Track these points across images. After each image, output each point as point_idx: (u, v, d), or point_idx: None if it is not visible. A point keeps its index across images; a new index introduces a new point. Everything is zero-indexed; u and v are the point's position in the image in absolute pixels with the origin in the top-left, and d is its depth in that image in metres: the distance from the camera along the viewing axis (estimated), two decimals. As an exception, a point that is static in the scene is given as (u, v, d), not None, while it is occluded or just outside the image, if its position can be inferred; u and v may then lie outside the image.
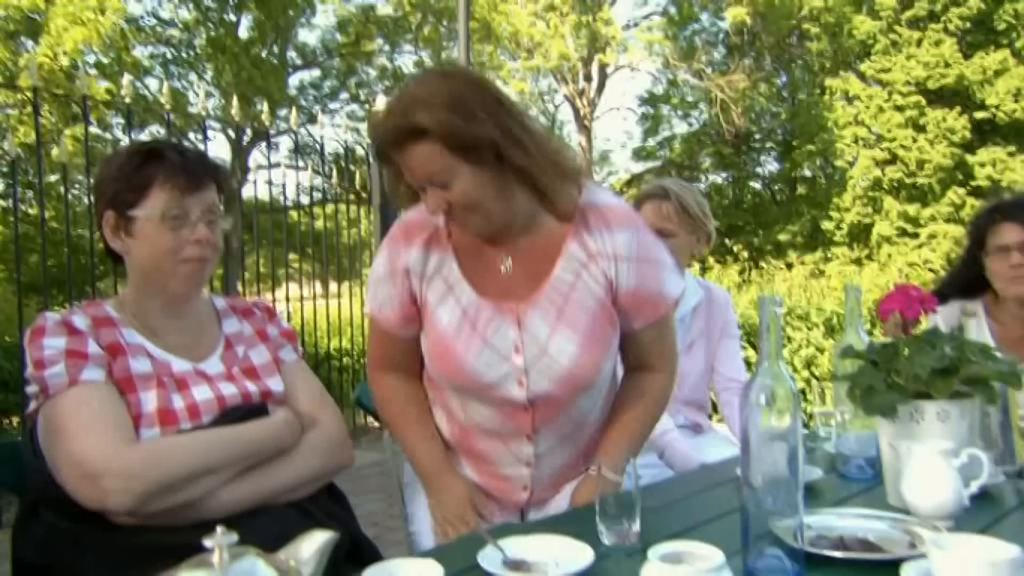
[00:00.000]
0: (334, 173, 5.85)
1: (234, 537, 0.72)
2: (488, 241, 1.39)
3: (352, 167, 6.07)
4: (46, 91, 3.62)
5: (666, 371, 1.52)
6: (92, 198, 1.40)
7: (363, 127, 5.81)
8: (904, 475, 1.21)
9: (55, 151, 5.85)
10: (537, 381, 1.35)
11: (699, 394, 2.22)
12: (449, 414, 1.49)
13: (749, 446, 1.06)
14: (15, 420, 3.83)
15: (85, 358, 1.24)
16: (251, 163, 13.16)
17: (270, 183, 5.22)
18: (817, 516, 1.17)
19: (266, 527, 1.24)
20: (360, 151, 6.31)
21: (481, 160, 1.27)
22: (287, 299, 6.72)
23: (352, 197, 5.96)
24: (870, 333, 1.46)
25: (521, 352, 1.35)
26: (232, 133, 12.17)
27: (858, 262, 15.08)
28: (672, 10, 18.68)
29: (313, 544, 0.80)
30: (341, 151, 6.05)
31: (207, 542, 0.72)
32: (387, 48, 17.01)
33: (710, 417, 2.32)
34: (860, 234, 16.62)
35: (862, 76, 17.05)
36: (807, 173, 18.69)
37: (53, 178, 6.64)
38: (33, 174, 6.08)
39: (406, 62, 18.35)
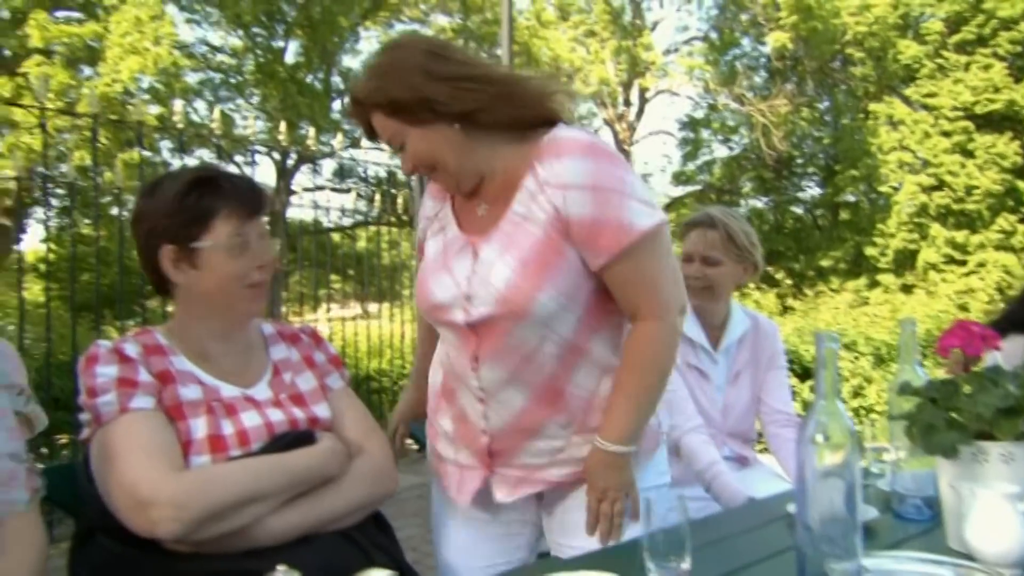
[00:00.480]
0: (376, 196, 5.92)
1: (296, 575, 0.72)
2: (470, 195, 1.43)
3: (394, 190, 6.14)
4: (103, 117, 3.73)
5: (655, 316, 1.34)
6: (137, 228, 1.37)
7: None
8: (967, 518, 1.17)
9: (108, 174, 6.04)
10: (477, 306, 1.34)
11: (745, 426, 2.19)
12: (441, 358, 1.51)
13: (805, 485, 1.03)
14: (66, 438, 3.91)
15: (136, 386, 1.25)
16: (295, 186, 13.47)
17: (316, 205, 5.30)
18: (874, 559, 1.13)
19: (314, 555, 1.25)
20: (401, 175, 6.37)
21: (420, 119, 1.32)
22: (328, 319, 6.79)
23: (392, 219, 6.03)
24: (922, 364, 1.42)
25: (469, 280, 1.36)
26: (277, 156, 12.41)
27: (905, 289, 14.74)
28: (713, 35, 18.65)
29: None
30: (383, 174, 6.10)
31: None
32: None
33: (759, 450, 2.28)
34: (906, 261, 16.27)
35: (907, 101, 16.79)
36: (850, 198, 18.39)
37: (105, 200, 6.88)
38: (88, 197, 6.27)
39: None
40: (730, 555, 1.26)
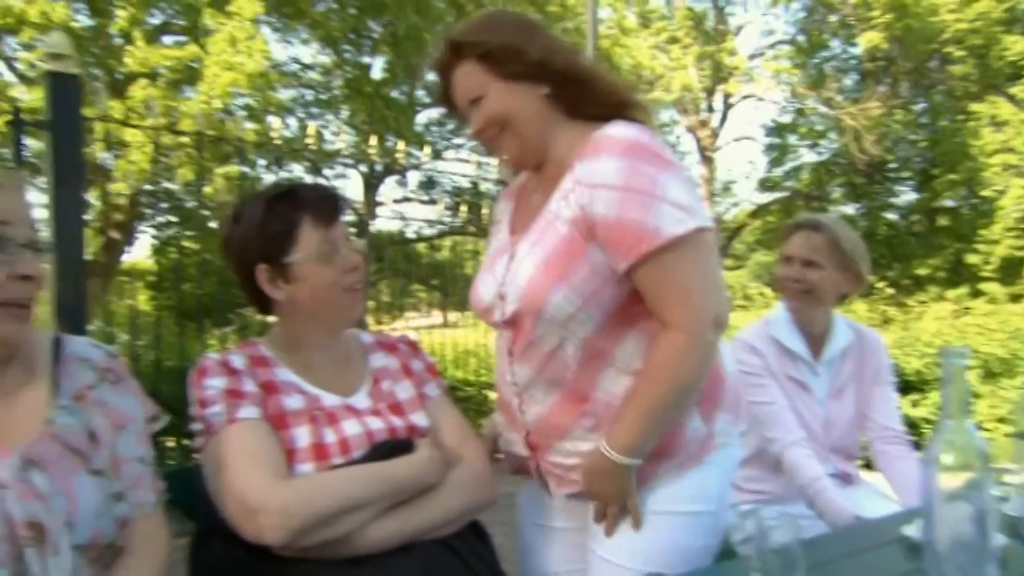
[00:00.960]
0: (460, 207, 6.00)
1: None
2: (534, 177, 1.45)
3: (478, 201, 6.21)
4: (206, 134, 3.93)
5: (683, 327, 1.26)
6: (229, 251, 1.40)
7: (487, 162, 5.96)
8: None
9: (209, 188, 6.34)
10: (507, 304, 1.37)
11: (848, 442, 2.11)
12: None
13: (931, 508, 0.99)
14: (174, 442, 4.09)
15: (242, 397, 1.30)
16: (381, 197, 13.79)
17: (401, 217, 5.41)
18: (1007, 589, 1.07)
19: (414, 563, 1.27)
20: (485, 186, 6.45)
21: (511, 73, 1.34)
22: (411, 328, 6.90)
23: (476, 229, 6.10)
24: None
25: (504, 278, 1.39)
26: (364, 169, 12.73)
27: (1014, 299, 13.90)
28: (800, 38, 18.14)
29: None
30: (467, 185, 6.18)
31: None
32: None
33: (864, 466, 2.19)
34: (1012, 268, 15.35)
35: (1012, 99, 15.88)
36: (949, 203, 17.52)
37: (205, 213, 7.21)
38: (189, 211, 6.59)
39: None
40: (843, 578, 1.21)
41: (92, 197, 8.12)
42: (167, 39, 11.02)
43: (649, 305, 1.29)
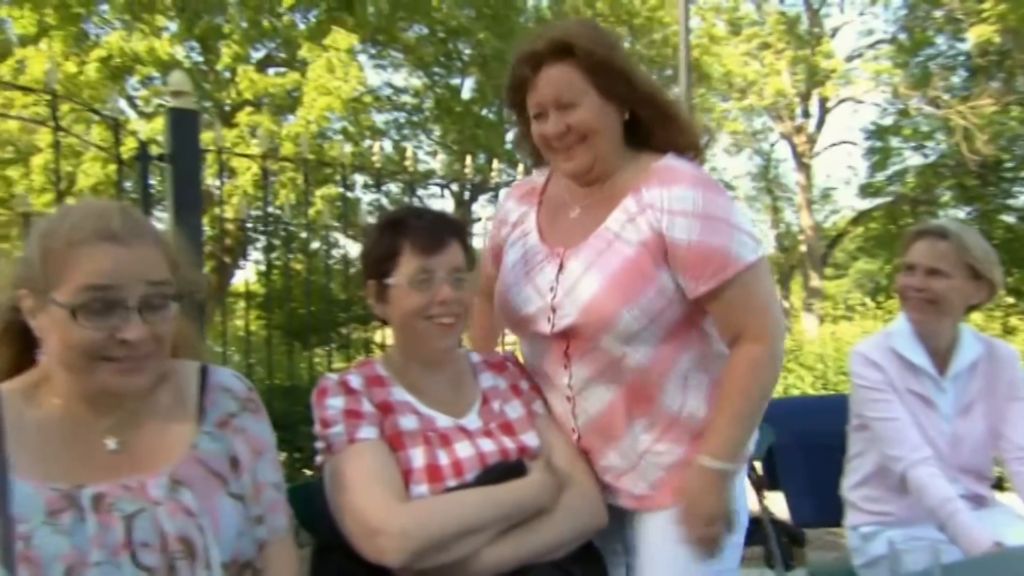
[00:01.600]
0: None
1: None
2: (569, 191, 1.50)
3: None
4: (308, 158, 4.11)
5: (760, 340, 1.39)
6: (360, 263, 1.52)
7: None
8: None
9: (312, 210, 6.60)
10: (562, 317, 1.41)
11: (979, 461, 1.98)
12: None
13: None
14: (284, 456, 4.25)
15: (361, 417, 1.34)
16: (476, 215, 13.98)
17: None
18: None
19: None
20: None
21: (609, 92, 1.40)
22: (504, 345, 6.93)
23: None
24: None
25: (555, 291, 1.43)
26: (456, 188, 12.98)
27: None
28: (902, 37, 17.34)
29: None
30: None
31: None
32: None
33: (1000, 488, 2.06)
34: None
35: None
36: (1074, 203, 16.32)
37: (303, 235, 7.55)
38: (292, 233, 6.86)
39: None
40: (988, 609, 1.14)
41: (204, 223, 8.60)
42: (270, 71, 11.60)
43: (721, 323, 1.42)
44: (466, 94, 14.58)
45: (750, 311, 1.39)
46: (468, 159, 5.22)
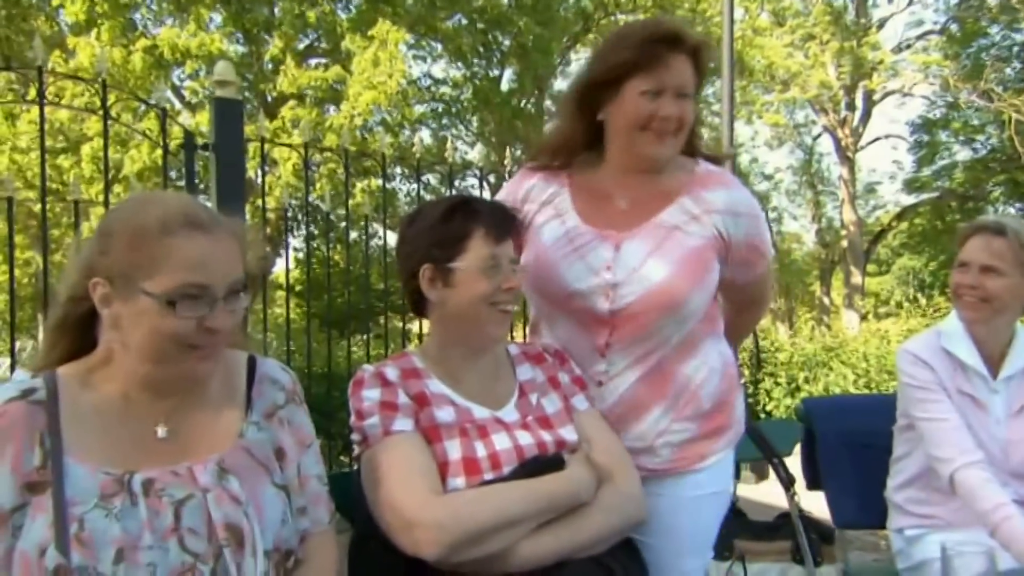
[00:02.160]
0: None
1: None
2: (612, 180, 1.58)
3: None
4: (349, 150, 4.15)
5: (766, 300, 1.83)
6: (400, 252, 1.48)
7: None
8: None
9: (352, 201, 6.67)
10: (624, 295, 1.48)
11: (1033, 467, 1.92)
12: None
13: None
14: (322, 440, 4.31)
15: (396, 409, 1.34)
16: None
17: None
18: None
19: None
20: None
21: (699, 89, 1.56)
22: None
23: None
24: None
25: (612, 270, 1.50)
26: (493, 180, 13.00)
27: None
28: (953, 27, 16.87)
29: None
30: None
31: None
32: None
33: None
34: None
35: None
36: None
37: (341, 225, 7.63)
38: (330, 224, 6.93)
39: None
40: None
41: (246, 212, 8.75)
42: (311, 61, 11.72)
43: (744, 295, 1.69)
44: (505, 85, 14.57)
45: (768, 285, 1.75)
46: (507, 151, 5.21)
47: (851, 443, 2.22)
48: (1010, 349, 1.94)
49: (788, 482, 1.82)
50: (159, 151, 3.63)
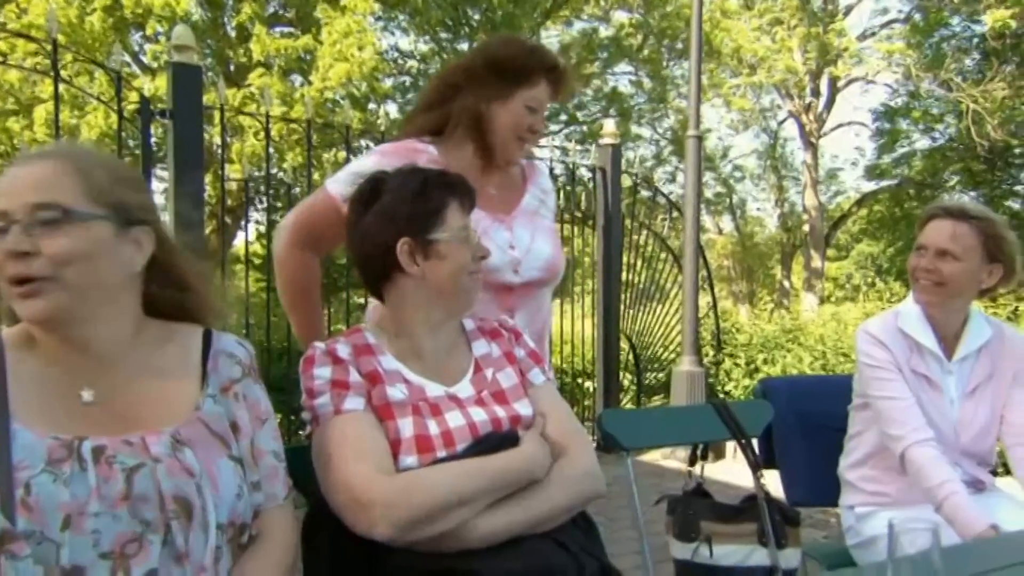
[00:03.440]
0: (560, 195, 5.97)
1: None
2: (480, 170, 1.79)
3: (573, 186, 6.17)
4: (315, 121, 4.05)
5: None
6: (365, 229, 1.42)
7: (583, 148, 5.93)
8: None
9: (317, 175, 6.57)
10: (528, 269, 1.76)
11: (982, 446, 1.97)
12: None
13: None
14: (280, 417, 4.27)
15: (347, 388, 1.31)
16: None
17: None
18: None
19: (522, 557, 1.26)
20: (581, 171, 6.38)
21: None
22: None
23: (568, 217, 6.05)
24: None
25: (516, 248, 1.75)
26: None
27: None
28: (917, 17, 17.10)
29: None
30: (561, 172, 6.14)
31: None
32: (600, 69, 17.19)
33: (995, 474, 2.05)
34: None
35: None
36: (1082, 191, 16.23)
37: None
38: (298, 197, 6.82)
39: (622, 82, 18.45)
40: (986, 593, 1.13)
41: (206, 183, 8.56)
42: (277, 30, 11.43)
43: None
44: (473, 60, 14.41)
45: None
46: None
47: (806, 423, 2.26)
48: (964, 331, 1.98)
49: (756, 464, 1.85)
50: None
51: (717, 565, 1.78)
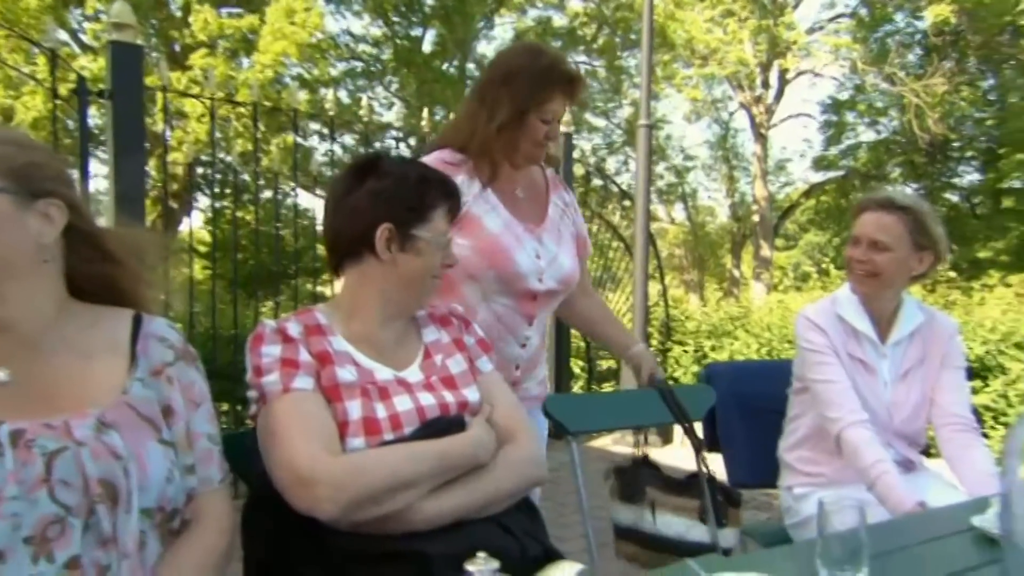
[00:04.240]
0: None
1: (496, 564, 0.73)
2: (507, 178, 1.88)
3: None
4: (262, 104, 3.97)
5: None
6: (350, 201, 1.41)
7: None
8: None
9: (265, 159, 6.44)
10: (548, 279, 1.85)
11: (913, 428, 2.04)
12: (482, 317, 1.83)
13: (1013, 499, 0.95)
14: (227, 406, 4.19)
15: (297, 367, 1.30)
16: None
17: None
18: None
19: (466, 541, 1.25)
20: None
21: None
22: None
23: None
24: None
25: (542, 258, 1.84)
26: (413, 142, 12.79)
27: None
28: (863, 12, 17.48)
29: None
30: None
31: (469, 567, 0.73)
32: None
33: (926, 455, 2.13)
34: (1081, 254, 14.72)
35: (1090, 77, 15.12)
36: (1016, 184, 16.82)
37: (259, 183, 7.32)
38: (243, 182, 6.68)
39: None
40: (909, 568, 1.17)
41: (150, 167, 8.34)
42: (223, 11, 11.15)
43: (584, 278, 2.08)
44: (427, 47, 14.28)
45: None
46: (425, 113, 5.11)
47: (748, 406, 2.31)
48: (897, 316, 2.05)
49: (698, 446, 1.89)
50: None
51: (657, 533, 1.84)
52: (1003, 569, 0.92)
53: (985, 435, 2.18)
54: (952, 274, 12.12)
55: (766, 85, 18.87)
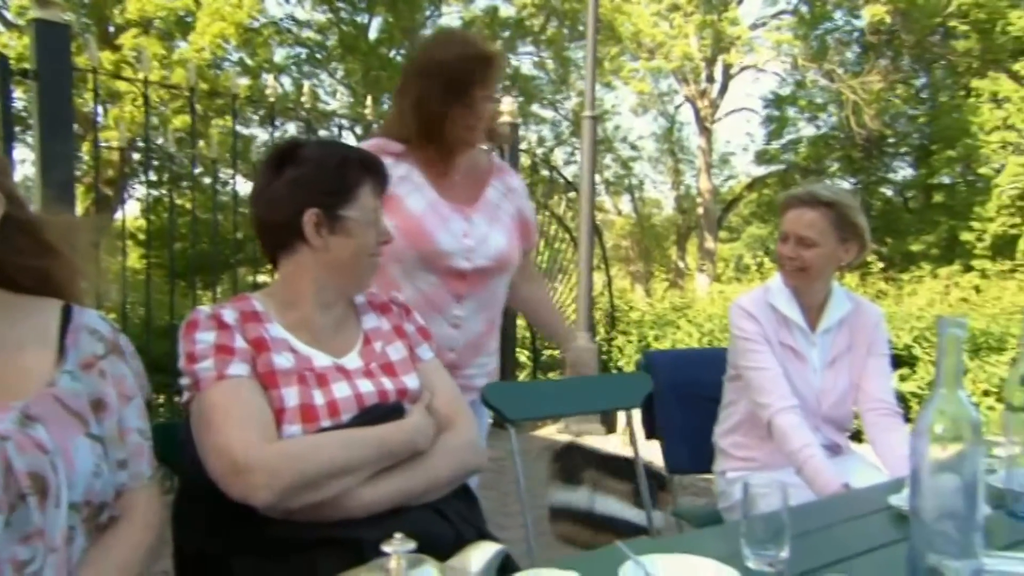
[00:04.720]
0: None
1: (412, 544, 0.73)
2: (442, 161, 1.90)
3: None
4: (201, 89, 3.87)
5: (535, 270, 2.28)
6: (275, 192, 1.38)
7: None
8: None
9: (202, 145, 6.27)
10: (479, 257, 1.85)
11: (840, 413, 2.11)
12: (408, 295, 1.84)
13: (919, 478, 0.99)
14: (163, 399, 4.09)
15: (232, 353, 1.28)
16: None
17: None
18: (991, 559, 1.07)
19: (404, 527, 1.25)
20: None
21: None
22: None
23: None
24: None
25: (469, 236, 1.85)
26: (359, 131, 12.63)
27: (1005, 276, 13.94)
28: (804, 9, 17.89)
29: (484, 555, 0.80)
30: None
31: (386, 548, 0.73)
32: (504, 48, 17.17)
33: (855, 439, 2.20)
34: (1005, 247, 15.37)
35: (1015, 77, 15.76)
36: (946, 180, 17.47)
37: (198, 169, 7.12)
38: (183, 168, 6.50)
39: (524, 62, 18.49)
40: (830, 546, 1.22)
41: (82, 152, 8.05)
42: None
43: (526, 263, 2.10)
44: (373, 34, 14.09)
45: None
46: (370, 101, 5.04)
47: (685, 394, 2.35)
48: (826, 305, 2.11)
49: (632, 432, 1.94)
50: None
51: (594, 511, 1.89)
52: (911, 544, 0.96)
53: (909, 420, 2.27)
54: (883, 265, 12.57)
55: (711, 79, 19.18)
